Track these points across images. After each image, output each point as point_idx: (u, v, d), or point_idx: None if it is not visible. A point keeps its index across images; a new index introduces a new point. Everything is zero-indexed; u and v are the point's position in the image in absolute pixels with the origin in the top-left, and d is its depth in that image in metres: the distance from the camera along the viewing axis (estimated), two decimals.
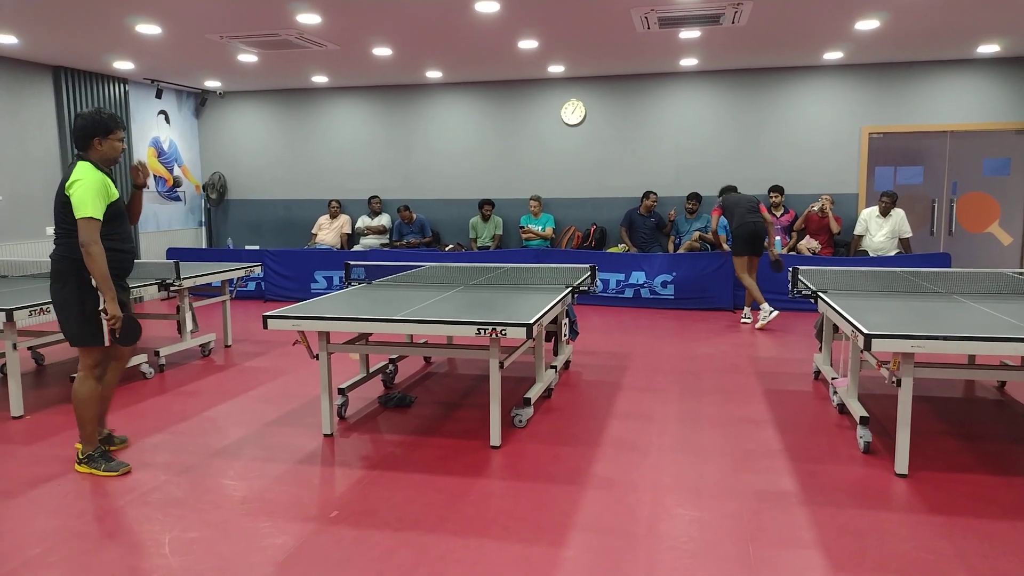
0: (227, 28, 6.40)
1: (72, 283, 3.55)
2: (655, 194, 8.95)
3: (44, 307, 4.64)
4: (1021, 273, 5.43)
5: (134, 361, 5.53)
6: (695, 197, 8.91)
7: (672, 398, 4.93)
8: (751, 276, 7.41)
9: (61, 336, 5.83)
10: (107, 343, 3.61)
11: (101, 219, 3.47)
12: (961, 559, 2.81)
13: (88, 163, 3.55)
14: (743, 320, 7.53)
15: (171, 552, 2.92)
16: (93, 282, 3.51)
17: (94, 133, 3.56)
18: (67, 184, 3.48)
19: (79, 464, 3.75)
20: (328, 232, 9.91)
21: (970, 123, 8.46)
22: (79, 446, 3.76)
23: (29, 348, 5.94)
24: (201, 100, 10.37)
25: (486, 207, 9.43)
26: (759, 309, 7.36)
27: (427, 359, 6.10)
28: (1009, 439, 4.10)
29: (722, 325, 7.41)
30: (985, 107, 8.42)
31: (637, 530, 3.06)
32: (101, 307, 3.54)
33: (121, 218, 3.65)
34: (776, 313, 7.25)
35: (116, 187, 3.64)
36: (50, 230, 8.16)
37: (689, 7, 5.83)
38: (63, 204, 3.50)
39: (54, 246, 3.60)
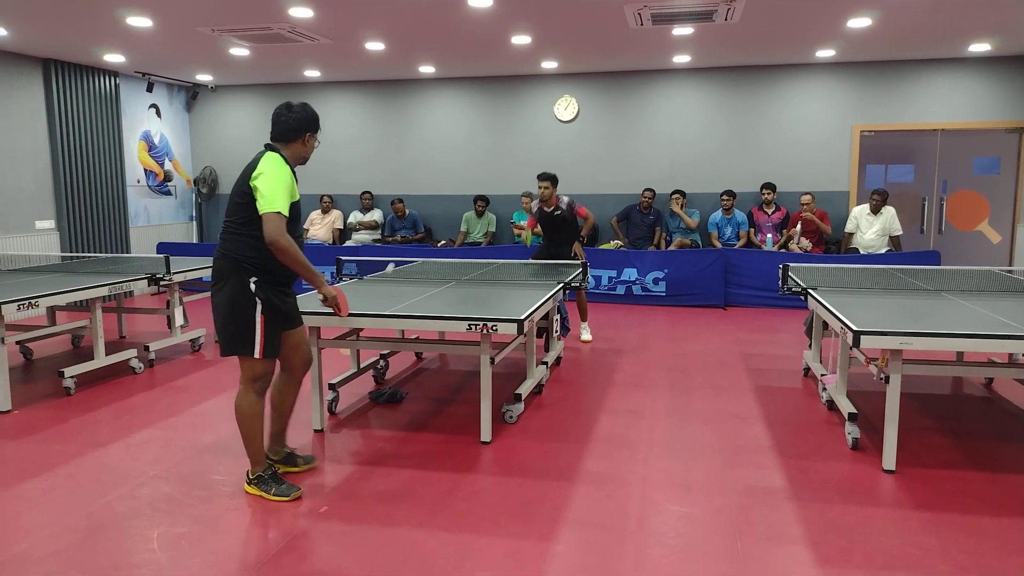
0: (218, 21, 6.36)
1: (229, 285, 3.20)
2: (652, 191, 8.96)
3: (32, 301, 4.61)
4: (1010, 271, 5.47)
5: (123, 356, 5.51)
6: (678, 192, 8.93)
7: (662, 394, 4.94)
8: None
9: (49, 331, 5.81)
10: (259, 355, 3.23)
11: (288, 216, 3.13)
12: (947, 554, 2.83)
13: (279, 156, 3.21)
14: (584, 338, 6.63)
15: (159, 547, 2.91)
16: (253, 286, 3.18)
17: (308, 127, 3.28)
18: (254, 175, 3.13)
19: (248, 485, 3.39)
20: (320, 227, 9.88)
21: (960, 122, 8.50)
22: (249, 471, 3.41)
23: (17, 342, 5.90)
24: (192, 94, 10.32)
25: (479, 203, 9.42)
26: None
27: (418, 355, 6.10)
28: (996, 436, 4.13)
29: (713, 322, 7.43)
30: (975, 106, 8.46)
31: (626, 525, 3.07)
32: (320, 298, 3.40)
33: (297, 221, 3.29)
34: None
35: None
36: (40, 224, 8.11)
37: (682, 4, 5.83)
38: (243, 194, 3.16)
39: (219, 240, 3.26)
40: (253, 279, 3.20)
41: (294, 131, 3.26)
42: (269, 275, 3.24)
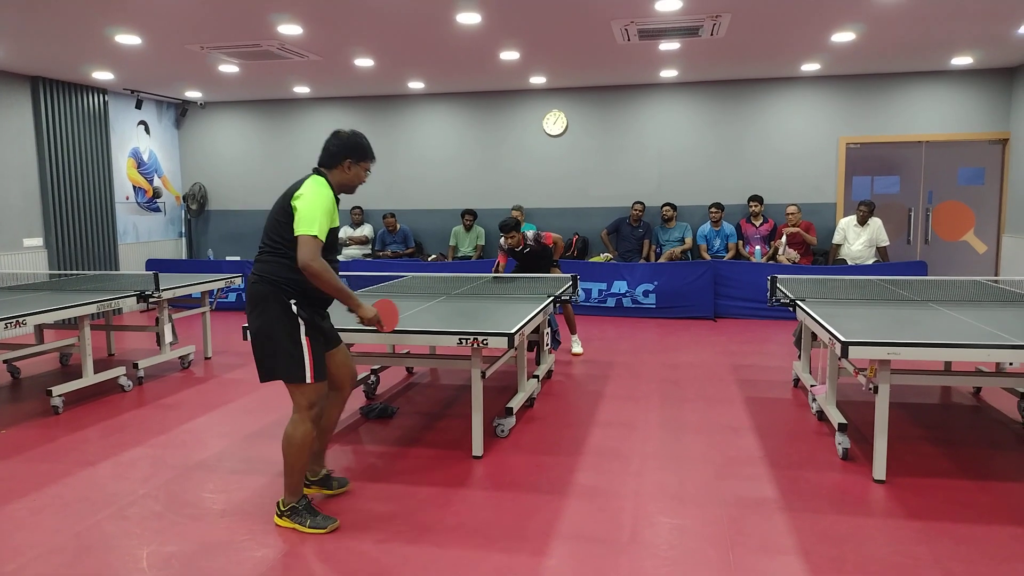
0: (207, 38, 6.38)
1: (269, 309, 3.09)
2: (642, 203, 9.01)
3: (20, 319, 4.58)
4: (995, 281, 5.52)
5: (112, 374, 5.48)
6: (669, 205, 8.98)
7: (654, 406, 4.95)
8: None
9: (37, 349, 5.77)
10: (311, 379, 3.12)
11: (324, 241, 3.05)
12: (938, 563, 2.84)
13: (323, 179, 3.16)
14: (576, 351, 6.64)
15: (149, 566, 2.88)
16: (294, 308, 3.09)
17: (349, 153, 3.19)
18: (295, 195, 3.08)
19: (279, 517, 3.20)
20: None
21: (945, 133, 8.60)
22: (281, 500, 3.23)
23: (5, 361, 5.86)
24: (182, 111, 10.32)
25: (467, 217, 9.44)
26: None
27: (409, 369, 6.09)
28: (985, 444, 4.16)
29: (703, 333, 7.46)
30: (959, 117, 8.56)
31: (619, 538, 3.07)
32: (357, 321, 3.30)
33: (333, 248, 3.22)
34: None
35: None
36: (27, 241, 8.07)
37: (668, 19, 5.90)
38: (285, 213, 3.08)
39: (254, 263, 3.17)
40: (293, 301, 3.10)
41: (333, 156, 3.18)
42: (308, 298, 3.14)
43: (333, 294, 3.11)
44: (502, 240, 6.24)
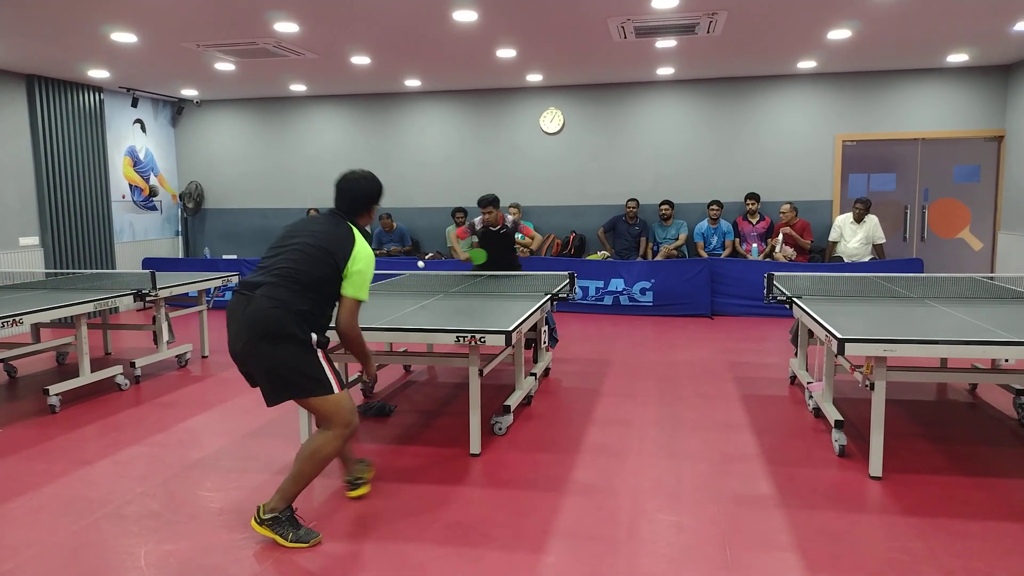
0: (204, 36, 6.36)
1: (283, 333, 2.94)
2: (636, 200, 9.02)
3: (16, 318, 4.57)
4: (991, 277, 5.54)
5: (109, 372, 5.47)
6: (667, 203, 8.98)
7: (651, 403, 4.96)
8: None
9: (33, 348, 5.77)
10: (338, 388, 3.04)
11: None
12: (934, 559, 2.85)
13: (363, 236, 3.15)
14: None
15: (146, 565, 2.88)
16: (301, 329, 2.97)
17: (376, 198, 3.23)
18: (352, 258, 3.02)
19: (259, 524, 3.02)
20: None
21: (940, 131, 8.62)
22: (263, 505, 3.07)
23: (1, 360, 5.85)
24: (178, 109, 10.29)
25: (458, 215, 9.41)
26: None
27: (407, 368, 6.09)
28: (980, 441, 4.17)
29: (700, 331, 7.47)
30: (955, 115, 8.58)
31: (617, 535, 3.08)
32: (363, 376, 3.25)
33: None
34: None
35: None
36: (24, 240, 8.05)
37: (665, 17, 5.90)
38: (331, 266, 3.01)
39: (265, 287, 2.98)
40: (305, 326, 3.01)
41: (362, 203, 3.22)
42: (316, 328, 3.06)
43: (359, 357, 3.22)
44: (477, 219, 6.14)
